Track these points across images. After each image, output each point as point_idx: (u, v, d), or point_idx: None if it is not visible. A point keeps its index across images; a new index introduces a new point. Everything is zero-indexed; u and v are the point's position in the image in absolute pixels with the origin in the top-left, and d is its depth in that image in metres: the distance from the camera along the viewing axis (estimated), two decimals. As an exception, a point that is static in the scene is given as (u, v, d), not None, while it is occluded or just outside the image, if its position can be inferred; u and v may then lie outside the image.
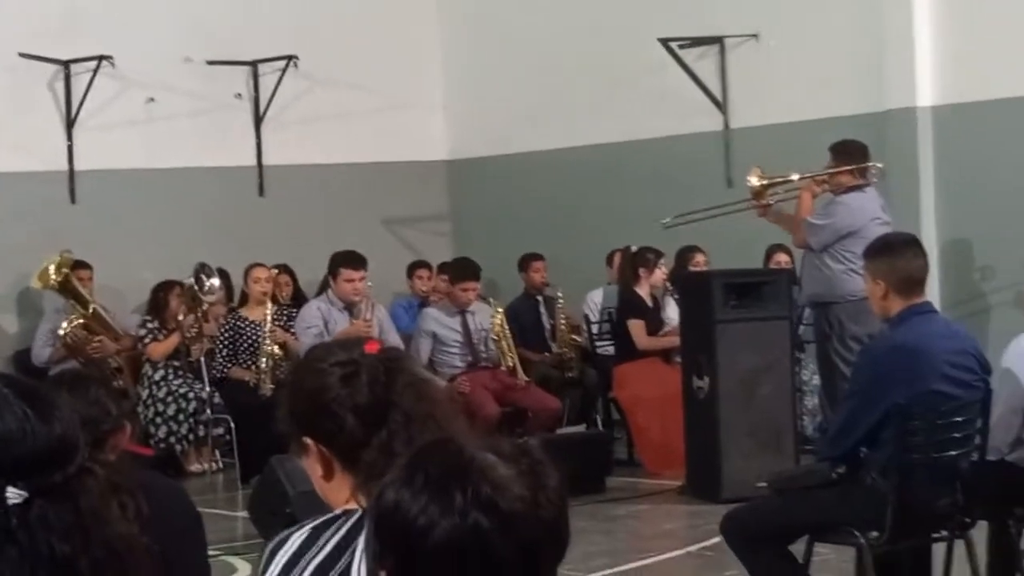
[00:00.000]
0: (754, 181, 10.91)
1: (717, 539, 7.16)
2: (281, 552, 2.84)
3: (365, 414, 2.89)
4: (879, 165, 10.74)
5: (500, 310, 12.22)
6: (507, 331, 12.12)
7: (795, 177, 10.83)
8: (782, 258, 12.21)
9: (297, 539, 2.84)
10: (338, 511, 2.89)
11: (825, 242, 10.47)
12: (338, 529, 2.83)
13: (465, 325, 12.01)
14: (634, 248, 12.14)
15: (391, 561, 1.99)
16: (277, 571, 2.82)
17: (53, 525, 2.02)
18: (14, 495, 2.01)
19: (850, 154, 10.63)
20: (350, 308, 11.58)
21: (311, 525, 2.86)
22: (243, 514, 9.82)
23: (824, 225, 10.49)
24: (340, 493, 2.94)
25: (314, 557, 2.81)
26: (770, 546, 6.40)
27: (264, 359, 11.97)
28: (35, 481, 2.02)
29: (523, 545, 1.97)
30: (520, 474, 2.00)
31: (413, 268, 14.25)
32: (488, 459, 2.00)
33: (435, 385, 3.04)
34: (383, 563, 2.00)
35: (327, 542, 2.82)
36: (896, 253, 6.42)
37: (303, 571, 2.80)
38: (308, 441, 2.96)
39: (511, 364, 11.98)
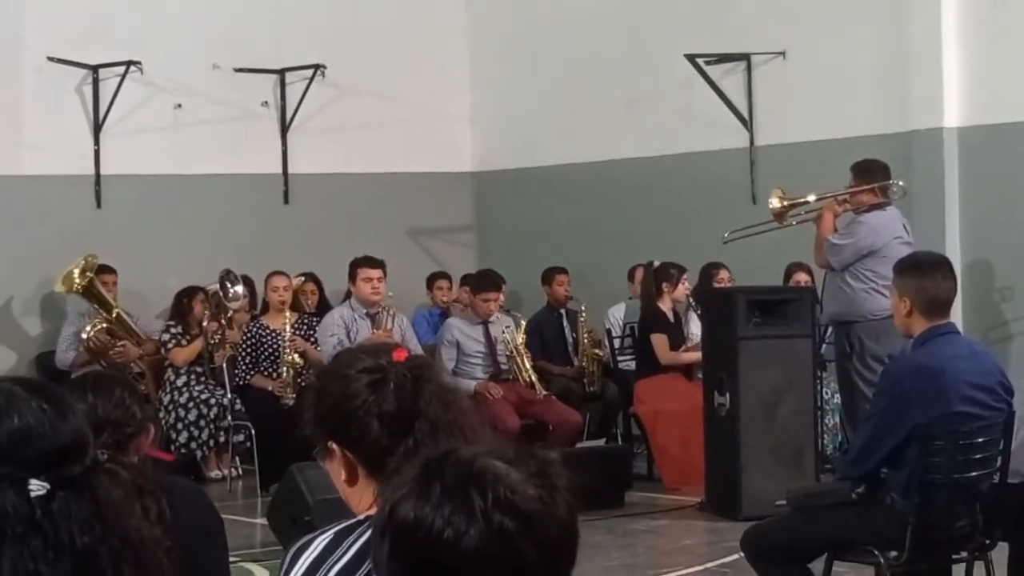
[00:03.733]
0: (775, 203, 10.91)
1: (736, 556, 7.17)
2: (305, 555, 2.85)
3: (391, 422, 2.90)
4: (900, 183, 10.72)
5: (520, 331, 12.19)
6: (519, 348, 12.07)
7: (812, 198, 10.82)
8: (802, 277, 12.19)
9: (321, 542, 2.85)
10: (361, 516, 2.90)
11: (846, 261, 10.45)
12: (360, 535, 2.83)
13: (487, 336, 12.00)
14: (657, 263, 12.14)
15: None
16: (300, 573, 2.84)
17: (74, 516, 2.06)
18: (37, 487, 2.04)
19: (871, 173, 10.62)
20: (372, 316, 11.60)
21: (335, 529, 2.87)
22: (262, 521, 9.83)
23: (845, 245, 10.48)
24: (363, 498, 2.95)
25: (337, 561, 2.82)
26: (790, 563, 6.39)
27: (285, 368, 11.99)
28: (55, 474, 2.05)
29: (544, 545, 1.96)
30: (530, 475, 1.99)
31: (433, 279, 14.26)
32: (497, 464, 1.98)
33: (462, 395, 3.04)
34: None
35: (350, 547, 2.82)
36: (925, 273, 6.36)
37: (326, 575, 2.81)
38: (333, 446, 2.97)
39: (528, 379, 11.98)
